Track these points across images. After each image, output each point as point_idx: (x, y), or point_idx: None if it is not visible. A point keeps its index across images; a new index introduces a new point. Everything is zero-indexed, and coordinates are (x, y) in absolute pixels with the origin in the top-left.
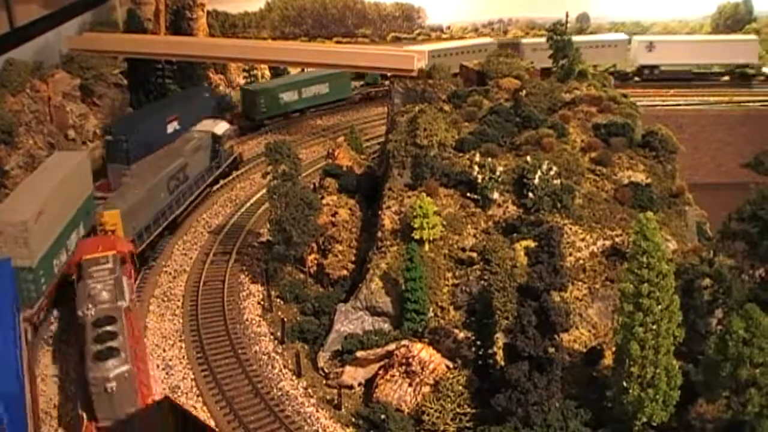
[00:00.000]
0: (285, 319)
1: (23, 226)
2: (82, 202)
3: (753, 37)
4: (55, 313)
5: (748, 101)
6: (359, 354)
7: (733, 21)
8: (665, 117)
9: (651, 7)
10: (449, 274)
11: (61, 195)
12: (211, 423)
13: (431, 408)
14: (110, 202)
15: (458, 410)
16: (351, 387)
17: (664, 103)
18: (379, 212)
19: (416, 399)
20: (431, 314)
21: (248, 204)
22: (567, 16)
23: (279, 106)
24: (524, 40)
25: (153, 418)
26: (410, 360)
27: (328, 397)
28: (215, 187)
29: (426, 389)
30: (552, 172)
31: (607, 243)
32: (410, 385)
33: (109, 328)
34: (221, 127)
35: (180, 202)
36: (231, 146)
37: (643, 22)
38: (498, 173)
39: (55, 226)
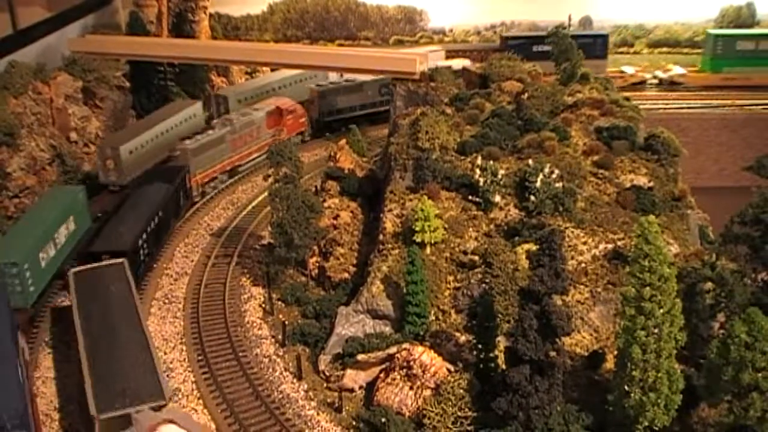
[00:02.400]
0: (286, 322)
1: None
2: None
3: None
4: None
5: (751, 104)
6: (360, 357)
7: (736, 24)
8: (667, 120)
9: (653, 10)
10: (450, 278)
11: None
12: (212, 426)
13: (432, 411)
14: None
15: (459, 414)
16: (352, 390)
17: (667, 106)
18: (381, 215)
19: (417, 402)
20: (432, 317)
21: (250, 207)
22: (570, 18)
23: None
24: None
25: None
26: (411, 363)
27: (328, 400)
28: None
29: (427, 393)
30: (554, 176)
31: (609, 246)
32: (411, 388)
33: (206, 131)
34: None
35: (354, 110)
36: None
37: (646, 25)
38: (500, 176)
39: None
